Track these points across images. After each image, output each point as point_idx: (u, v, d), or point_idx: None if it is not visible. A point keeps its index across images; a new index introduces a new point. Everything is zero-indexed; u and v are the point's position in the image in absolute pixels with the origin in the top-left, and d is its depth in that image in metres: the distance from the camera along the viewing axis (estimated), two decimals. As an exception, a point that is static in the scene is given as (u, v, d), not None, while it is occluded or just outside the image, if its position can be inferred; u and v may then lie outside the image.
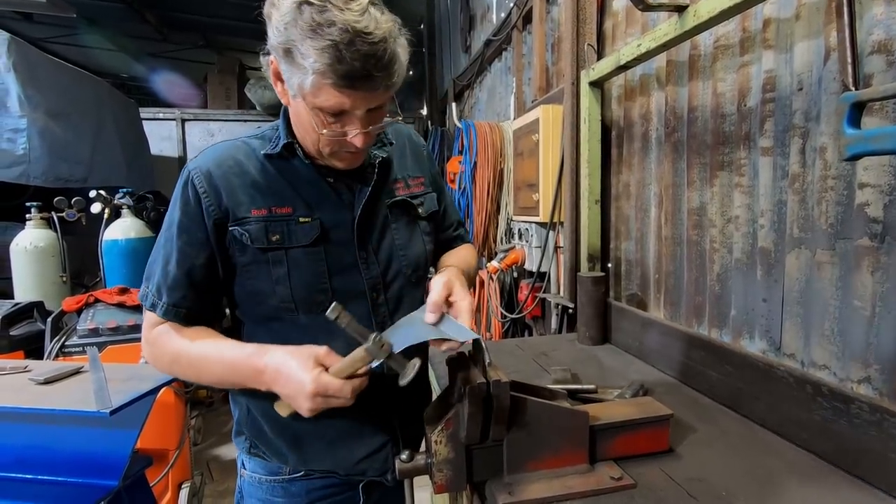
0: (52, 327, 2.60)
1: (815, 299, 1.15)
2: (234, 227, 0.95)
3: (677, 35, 1.38)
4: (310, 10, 0.75)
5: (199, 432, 3.72)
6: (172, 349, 0.97)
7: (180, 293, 0.96)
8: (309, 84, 0.80)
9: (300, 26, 0.76)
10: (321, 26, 0.75)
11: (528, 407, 0.94)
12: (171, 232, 0.97)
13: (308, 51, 0.77)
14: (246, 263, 0.97)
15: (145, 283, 1.00)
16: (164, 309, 0.96)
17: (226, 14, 6.13)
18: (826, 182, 1.11)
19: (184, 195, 0.96)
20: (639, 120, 1.84)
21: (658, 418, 1.03)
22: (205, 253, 0.96)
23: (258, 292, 0.98)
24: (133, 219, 3.21)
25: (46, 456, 1.64)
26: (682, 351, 1.51)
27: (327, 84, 0.79)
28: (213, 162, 0.97)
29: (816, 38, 1.13)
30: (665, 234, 1.69)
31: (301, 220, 0.97)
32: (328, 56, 0.76)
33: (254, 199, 0.96)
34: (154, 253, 1.00)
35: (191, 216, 0.95)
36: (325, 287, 0.98)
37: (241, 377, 0.93)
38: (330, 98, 0.81)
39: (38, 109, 3.32)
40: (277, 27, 0.79)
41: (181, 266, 0.95)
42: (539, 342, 1.99)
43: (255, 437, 1.08)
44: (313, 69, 0.77)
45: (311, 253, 0.98)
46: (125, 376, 1.72)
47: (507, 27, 3.21)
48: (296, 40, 0.77)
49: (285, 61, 0.82)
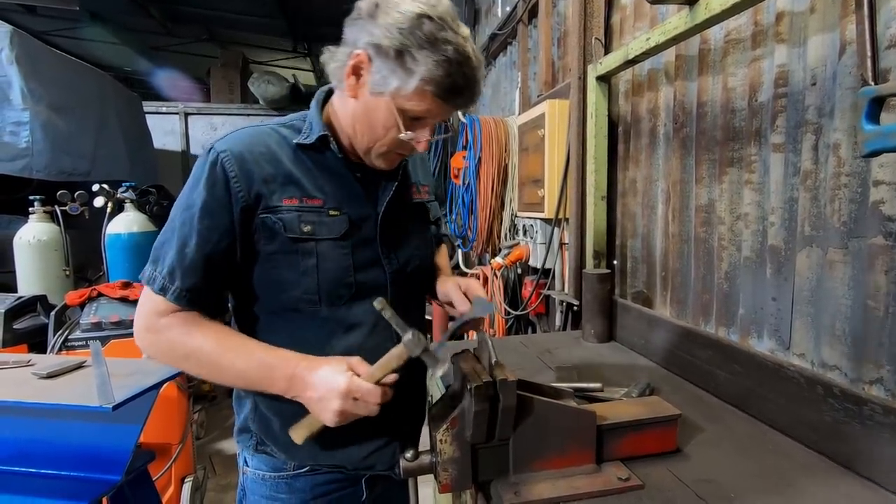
0: (56, 321, 2.60)
1: (826, 298, 1.13)
2: (267, 215, 0.94)
3: (688, 29, 1.36)
4: (430, 25, 0.84)
5: (202, 426, 3.73)
6: (191, 344, 0.92)
7: (195, 278, 0.92)
8: (411, 87, 0.86)
9: (418, 36, 0.83)
10: (439, 42, 0.84)
11: (534, 406, 0.93)
12: (190, 213, 0.92)
13: (424, 59, 0.84)
14: (272, 252, 0.95)
15: (153, 266, 0.94)
16: (177, 294, 0.91)
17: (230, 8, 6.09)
18: (839, 179, 1.08)
19: (210, 176, 0.92)
20: (646, 115, 1.81)
21: (666, 418, 1.02)
22: (227, 239, 0.93)
23: (281, 282, 0.97)
24: (136, 213, 3.20)
25: (49, 450, 1.64)
26: (689, 349, 1.49)
27: (429, 91, 0.87)
28: (244, 146, 0.95)
29: (831, 31, 1.11)
30: (672, 231, 1.67)
31: (331, 212, 0.98)
32: (442, 69, 0.84)
33: (285, 188, 0.95)
34: (166, 234, 0.95)
35: (217, 199, 0.91)
36: (350, 281, 0.99)
37: (268, 380, 0.91)
38: (423, 104, 0.89)
39: (41, 102, 3.30)
40: (389, 29, 0.84)
41: (201, 250, 0.91)
42: (543, 339, 1.97)
43: (264, 433, 1.07)
44: (423, 76, 0.85)
45: (340, 246, 0.98)
46: (128, 371, 1.71)
47: (512, 21, 3.18)
48: (411, 46, 0.84)
49: (392, 61, 0.85)
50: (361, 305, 1.00)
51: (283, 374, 0.90)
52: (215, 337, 0.93)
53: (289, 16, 6.24)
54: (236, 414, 1.12)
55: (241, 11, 6.14)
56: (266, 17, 6.27)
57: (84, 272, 3.84)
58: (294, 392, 0.90)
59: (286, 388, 0.91)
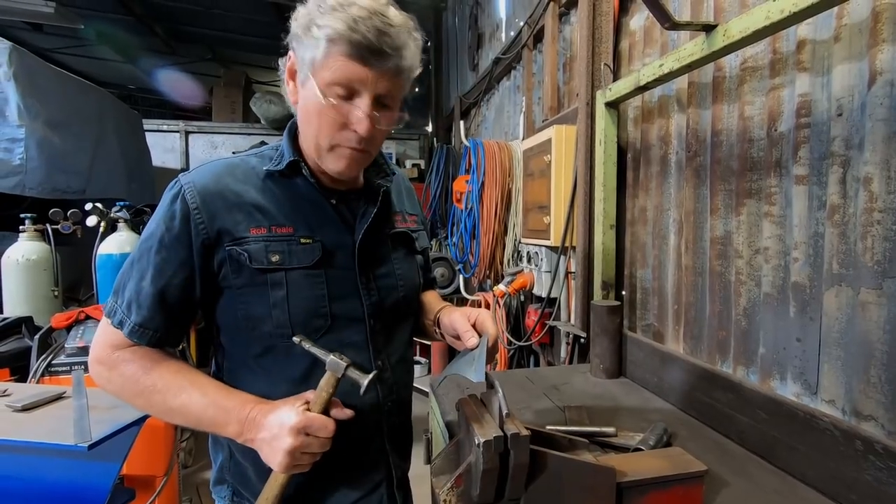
0: (40, 345, 2.49)
1: (858, 342, 1.05)
2: (231, 247, 0.89)
3: (704, 56, 1.31)
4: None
5: (190, 454, 3.59)
6: (144, 382, 0.88)
7: (150, 313, 0.88)
8: (321, 54, 0.82)
9: (321, 6, 0.81)
10: (343, 6, 0.80)
11: (548, 462, 0.84)
12: (148, 245, 0.89)
13: (327, 21, 0.80)
14: (241, 286, 0.90)
15: (114, 297, 0.91)
16: (131, 328, 0.88)
17: (233, 28, 6.16)
18: (872, 215, 1.02)
19: (170, 209, 0.89)
20: (657, 142, 1.76)
21: (691, 475, 0.93)
22: (183, 273, 0.89)
23: (252, 317, 0.91)
24: (129, 233, 3.11)
25: (22, 488, 1.53)
26: (707, 391, 1.41)
27: (339, 53, 0.81)
28: (210, 177, 0.91)
29: (859, 60, 1.06)
30: (685, 263, 1.60)
31: (302, 240, 0.93)
32: (343, 24, 0.79)
33: (252, 218, 0.91)
34: (127, 266, 0.92)
35: (174, 232, 0.88)
36: (325, 312, 0.94)
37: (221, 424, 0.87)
38: (337, 70, 0.82)
39: (38, 119, 3.26)
40: (300, 14, 0.84)
41: (155, 283, 0.88)
42: (550, 374, 1.88)
43: (240, 483, 0.99)
44: (327, 36, 0.80)
45: (312, 275, 0.93)
46: (110, 403, 1.61)
47: (517, 45, 3.17)
48: (315, 16, 0.82)
49: (302, 39, 0.84)
50: (338, 338, 0.95)
51: (237, 418, 0.86)
52: (170, 376, 0.89)
53: (292, 37, 6.30)
54: (212, 460, 1.04)
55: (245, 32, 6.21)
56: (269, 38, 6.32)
57: (76, 291, 3.74)
58: (246, 436, 0.85)
59: (238, 431, 0.86)
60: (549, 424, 1.26)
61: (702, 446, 1.25)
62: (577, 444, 0.97)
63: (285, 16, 0.90)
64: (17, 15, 4.59)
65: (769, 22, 1.10)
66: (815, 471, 1.06)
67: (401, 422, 1.09)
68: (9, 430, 1.43)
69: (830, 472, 1.03)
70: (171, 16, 5.86)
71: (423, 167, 5.49)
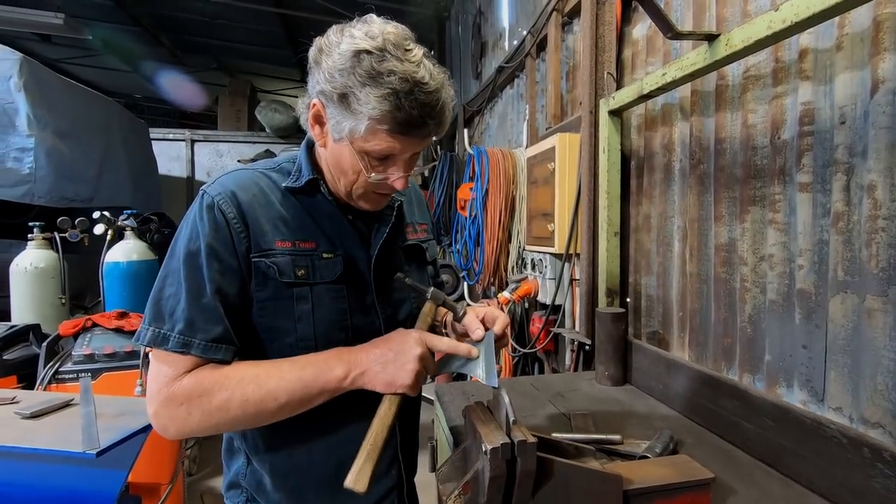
0: (47, 352, 2.51)
1: (864, 349, 1.05)
2: (260, 259, 0.88)
3: (707, 65, 1.32)
4: (369, 59, 0.78)
5: (195, 462, 3.58)
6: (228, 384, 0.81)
7: (221, 327, 0.84)
8: (363, 129, 0.81)
9: (358, 73, 0.78)
10: (381, 75, 0.77)
11: (555, 469, 0.84)
12: (196, 261, 0.84)
13: (367, 97, 0.78)
14: (265, 299, 0.89)
15: (157, 324, 0.83)
16: (204, 346, 0.82)
17: (238, 38, 6.23)
18: (876, 223, 1.02)
19: (210, 220, 0.86)
20: (661, 150, 1.77)
21: (698, 483, 0.93)
22: (238, 282, 0.87)
23: (274, 330, 0.91)
24: (136, 241, 3.15)
25: (30, 495, 1.54)
26: (712, 398, 1.40)
27: (383, 130, 0.81)
28: (238, 188, 0.91)
29: (861, 69, 1.07)
30: (690, 270, 1.60)
31: (325, 255, 0.94)
32: (388, 104, 0.78)
33: (278, 230, 0.91)
34: (167, 288, 0.85)
35: (222, 242, 0.86)
36: (346, 325, 0.95)
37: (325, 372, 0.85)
38: (382, 143, 0.83)
39: (47, 129, 3.30)
40: (331, 73, 0.80)
41: (218, 295, 0.84)
42: (555, 381, 1.88)
43: (254, 490, 1.00)
44: (370, 115, 0.79)
45: (334, 290, 0.94)
46: (117, 411, 1.63)
47: (520, 54, 3.19)
48: (353, 86, 0.79)
49: (338, 106, 0.82)
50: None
51: (338, 360, 0.86)
52: (245, 367, 0.85)
53: (296, 46, 6.36)
54: (226, 468, 1.04)
55: (250, 42, 6.28)
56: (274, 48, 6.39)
57: (83, 299, 3.76)
58: (358, 369, 0.85)
59: (346, 371, 0.85)
60: (554, 432, 1.26)
61: (708, 454, 1.24)
62: (583, 451, 0.97)
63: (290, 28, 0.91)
64: (27, 26, 4.66)
65: (771, 31, 1.11)
66: (823, 479, 1.06)
67: (411, 430, 1.10)
68: (17, 437, 1.44)
69: (838, 480, 1.02)
70: (177, 26, 5.93)
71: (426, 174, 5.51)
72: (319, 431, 0.96)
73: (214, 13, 5.42)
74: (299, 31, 5.84)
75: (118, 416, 1.57)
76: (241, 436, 0.98)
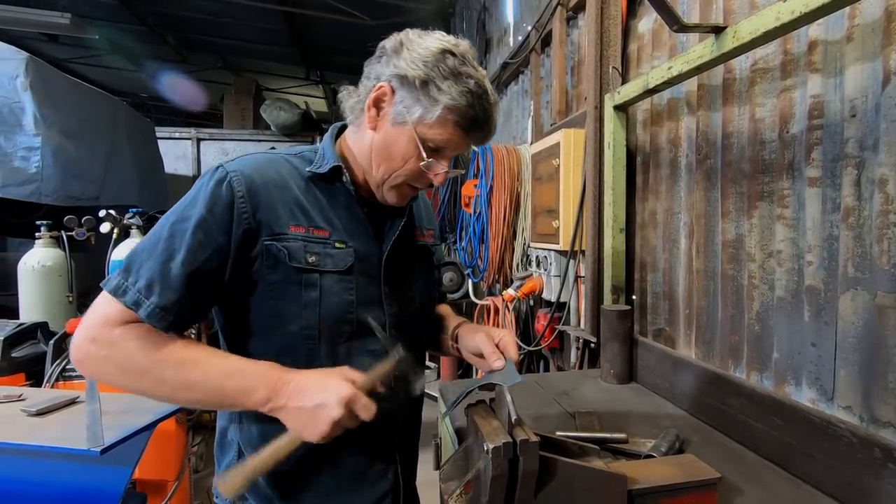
0: (55, 350, 2.53)
1: (875, 347, 1.03)
2: (271, 242, 0.89)
3: (714, 58, 1.30)
4: (453, 59, 0.88)
5: (202, 459, 3.60)
6: (154, 357, 0.81)
7: (174, 296, 0.82)
8: (435, 116, 0.88)
9: (442, 68, 0.87)
10: (462, 75, 0.88)
11: (558, 468, 0.83)
12: (183, 226, 0.84)
13: (448, 88, 0.87)
14: (275, 282, 0.90)
15: (124, 274, 0.83)
16: (150, 311, 0.81)
17: (243, 36, 6.23)
18: (888, 217, 1.00)
19: (214, 193, 0.87)
20: (667, 145, 1.75)
21: (704, 482, 0.91)
22: (217, 259, 0.86)
23: (281, 315, 0.91)
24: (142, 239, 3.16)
25: (35, 491, 1.55)
26: (719, 396, 1.39)
27: (451, 120, 0.89)
28: (255, 169, 0.92)
29: (872, 61, 1.04)
30: (696, 267, 1.58)
31: (337, 245, 0.95)
32: (465, 99, 0.88)
33: (293, 215, 0.92)
34: (146, 244, 0.85)
35: (217, 217, 0.86)
36: (352, 317, 0.95)
37: (247, 391, 0.82)
38: (445, 133, 0.90)
39: (53, 128, 3.31)
40: (414, 62, 0.88)
41: (187, 266, 0.83)
42: (559, 379, 1.87)
43: None
44: (446, 104, 0.87)
45: (343, 280, 0.94)
46: (122, 408, 1.63)
47: (524, 50, 3.17)
48: (435, 77, 0.87)
49: (415, 90, 0.88)
50: (360, 345, 0.95)
51: (266, 383, 0.82)
52: (183, 349, 0.84)
53: (301, 44, 6.36)
54: (217, 464, 1.03)
55: (255, 40, 6.28)
56: (279, 46, 6.39)
57: (89, 297, 3.78)
58: (276, 403, 0.82)
59: (265, 398, 0.82)
60: (559, 430, 1.24)
61: (715, 453, 1.23)
62: (587, 450, 0.96)
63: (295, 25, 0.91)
64: (34, 26, 4.69)
65: (779, 23, 1.09)
66: (833, 479, 1.04)
67: (411, 435, 1.09)
68: (23, 434, 1.45)
69: (848, 480, 1.00)
70: (182, 25, 5.94)
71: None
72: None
73: (220, 11, 5.42)
74: (304, 29, 5.83)
75: (123, 414, 1.58)
76: (238, 427, 0.98)
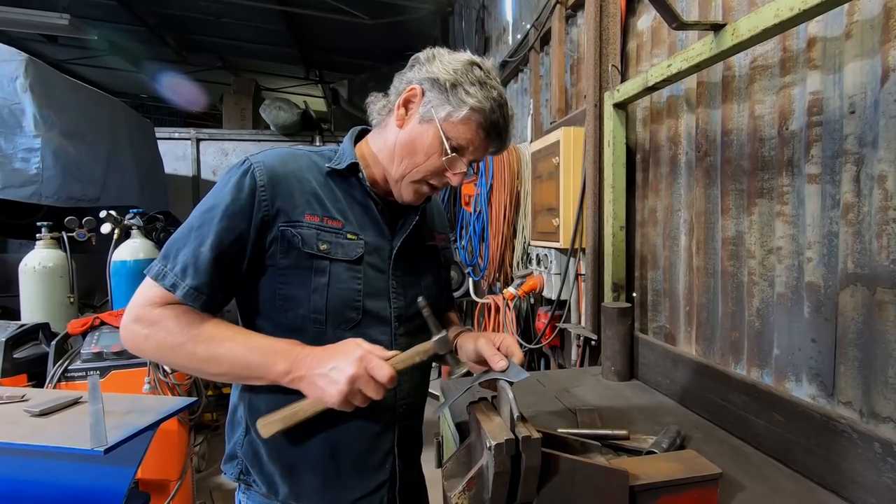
0: (57, 351, 2.54)
1: (875, 342, 1.03)
2: (286, 228, 0.96)
3: (713, 55, 1.30)
4: (479, 71, 0.98)
5: (203, 458, 3.61)
6: (188, 332, 0.90)
7: (206, 278, 0.91)
8: (460, 115, 0.96)
9: (470, 76, 0.96)
10: (486, 85, 0.97)
11: (560, 465, 0.84)
12: (212, 214, 0.93)
13: (475, 92, 0.96)
14: (287, 266, 0.96)
15: (163, 262, 0.93)
16: (185, 291, 0.90)
17: (243, 36, 6.22)
18: (887, 213, 1.00)
19: (239, 182, 0.95)
20: (666, 143, 1.75)
21: (705, 478, 0.92)
22: (239, 244, 0.94)
23: (290, 298, 0.97)
24: (143, 240, 3.16)
25: (39, 491, 1.56)
26: (720, 392, 1.39)
27: (474, 121, 0.97)
28: (278, 161, 0.99)
29: (871, 57, 1.05)
30: (697, 264, 1.58)
31: (349, 235, 1.00)
32: (489, 104, 0.97)
33: (309, 205, 0.99)
34: (181, 233, 0.95)
35: (239, 204, 0.94)
36: (358, 306, 0.99)
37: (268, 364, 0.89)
38: (468, 133, 0.98)
39: (53, 129, 3.32)
40: (446, 68, 0.97)
41: (214, 250, 0.92)
42: (560, 376, 1.87)
43: (249, 461, 1.03)
44: (472, 105, 0.96)
45: (352, 269, 0.99)
46: (125, 408, 1.64)
47: (523, 48, 3.17)
48: (464, 82, 0.96)
49: (446, 92, 0.96)
50: (367, 335, 0.97)
51: (286, 356, 0.89)
52: (213, 326, 0.92)
53: (300, 44, 6.36)
54: (227, 441, 1.07)
55: (255, 40, 6.27)
56: (278, 46, 6.39)
57: (91, 298, 3.79)
58: (296, 373, 0.88)
59: (287, 370, 0.88)
60: (560, 427, 1.25)
61: (716, 449, 1.23)
62: (589, 447, 0.97)
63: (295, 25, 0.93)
64: (33, 27, 4.68)
65: (778, 20, 1.09)
66: (833, 474, 1.04)
67: (412, 427, 1.11)
68: (26, 434, 1.45)
69: (849, 476, 1.01)
70: (182, 25, 5.93)
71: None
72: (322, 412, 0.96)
73: (219, 12, 5.41)
74: (304, 29, 5.82)
75: (126, 414, 1.58)
76: (247, 405, 1.02)
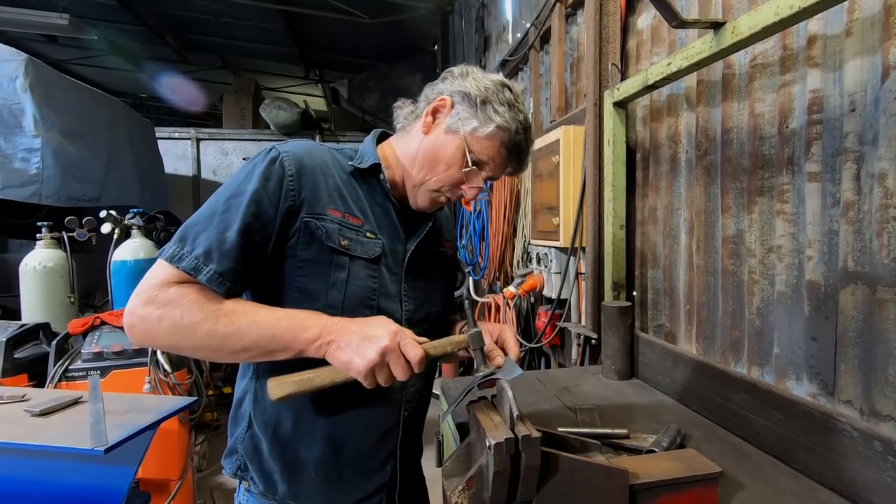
0: (57, 350, 2.54)
1: (876, 341, 1.03)
2: (311, 219, 0.94)
3: (713, 53, 1.30)
4: (509, 93, 1.02)
5: (204, 458, 3.62)
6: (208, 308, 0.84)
7: (232, 264, 0.87)
8: (486, 131, 0.99)
9: (500, 96, 1.00)
10: (514, 107, 1.01)
11: (560, 464, 0.84)
12: (239, 199, 0.90)
13: (503, 112, 0.99)
14: (306, 259, 0.95)
15: (181, 243, 0.87)
16: (210, 275, 0.85)
17: (243, 36, 6.23)
18: (887, 212, 1.00)
19: (267, 170, 0.93)
20: (666, 142, 1.75)
21: (706, 477, 0.92)
22: (265, 231, 0.92)
23: (307, 291, 0.95)
24: (143, 239, 3.16)
25: (40, 491, 1.56)
26: (720, 391, 1.39)
27: (498, 139, 1.00)
28: (306, 153, 0.99)
29: (871, 55, 1.04)
30: (697, 263, 1.58)
31: (368, 234, 1.00)
32: (515, 124, 1.00)
33: (333, 200, 0.98)
34: (201, 216, 0.90)
35: (268, 191, 0.92)
36: (374, 304, 0.99)
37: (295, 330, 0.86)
38: (490, 149, 1.01)
39: (53, 129, 3.32)
40: (477, 85, 1.01)
41: (240, 235, 0.88)
42: (560, 375, 1.87)
43: (249, 456, 1.01)
44: (498, 123, 0.99)
45: (370, 268, 0.99)
46: (125, 408, 1.64)
47: (523, 47, 3.17)
48: (494, 101, 0.99)
49: (475, 107, 0.99)
50: None
51: (316, 322, 0.87)
52: (233, 302, 0.88)
53: (300, 43, 6.35)
54: (229, 435, 1.06)
55: (254, 39, 6.27)
56: (278, 45, 6.38)
57: (91, 297, 3.79)
58: (325, 338, 0.86)
59: (317, 335, 0.86)
60: (560, 426, 1.25)
61: (716, 448, 1.23)
62: (589, 445, 0.97)
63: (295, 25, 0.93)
64: (33, 27, 4.68)
65: (778, 18, 1.09)
66: (833, 473, 1.04)
67: (415, 431, 1.11)
68: (27, 434, 1.45)
69: (849, 474, 1.01)
70: (181, 25, 5.94)
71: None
72: (326, 410, 0.98)
73: (219, 11, 5.41)
74: (303, 28, 5.83)
75: (126, 414, 1.58)
76: (254, 398, 1.01)
